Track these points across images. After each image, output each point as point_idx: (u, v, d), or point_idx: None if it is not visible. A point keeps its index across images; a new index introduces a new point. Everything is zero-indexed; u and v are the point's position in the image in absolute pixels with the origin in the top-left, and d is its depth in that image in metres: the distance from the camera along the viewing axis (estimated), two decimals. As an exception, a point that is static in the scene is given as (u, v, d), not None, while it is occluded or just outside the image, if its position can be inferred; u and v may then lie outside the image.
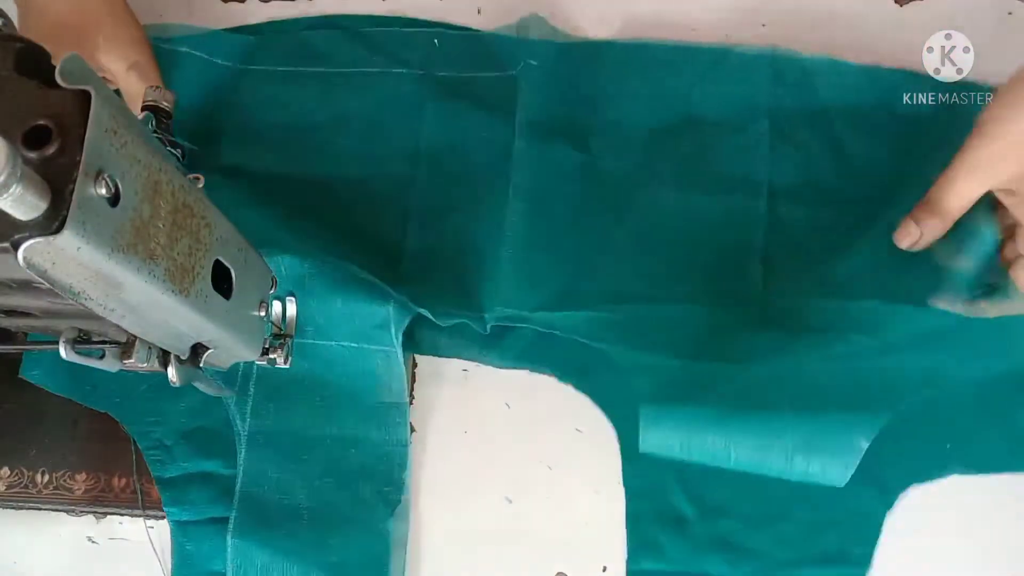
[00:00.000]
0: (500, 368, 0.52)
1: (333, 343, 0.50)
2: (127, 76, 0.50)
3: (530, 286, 0.51)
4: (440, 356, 0.52)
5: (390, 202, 0.54)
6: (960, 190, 0.43)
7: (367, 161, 0.55)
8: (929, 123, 0.53)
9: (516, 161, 0.53)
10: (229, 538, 0.48)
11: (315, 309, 0.49)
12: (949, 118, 0.53)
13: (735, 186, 0.52)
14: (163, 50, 0.56)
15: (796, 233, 0.52)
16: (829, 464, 0.43)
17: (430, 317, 0.50)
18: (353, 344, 0.50)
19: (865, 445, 0.43)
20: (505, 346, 0.51)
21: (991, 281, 0.46)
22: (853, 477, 0.45)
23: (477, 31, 0.57)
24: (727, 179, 0.53)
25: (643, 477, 0.49)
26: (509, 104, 0.55)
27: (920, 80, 0.53)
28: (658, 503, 0.49)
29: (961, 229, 0.44)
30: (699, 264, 0.51)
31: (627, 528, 0.49)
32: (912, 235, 0.45)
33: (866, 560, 0.47)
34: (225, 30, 0.58)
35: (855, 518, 0.48)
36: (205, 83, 0.56)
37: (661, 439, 0.45)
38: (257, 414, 0.50)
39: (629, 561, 0.48)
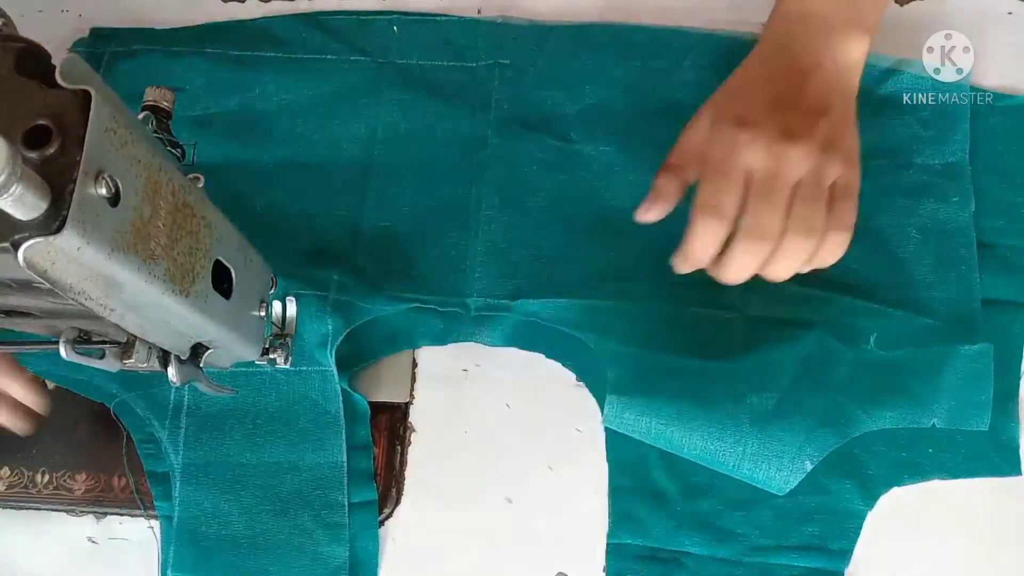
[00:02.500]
0: (491, 347, 0.52)
1: (268, 369, 0.50)
2: None
3: (509, 276, 0.52)
4: (430, 345, 0.52)
5: (345, 186, 0.54)
6: (691, 132, 0.47)
7: (323, 146, 0.55)
8: (918, 106, 0.53)
9: (490, 156, 0.54)
10: (170, 573, 0.48)
11: None
12: (941, 104, 0.54)
13: None
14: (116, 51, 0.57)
15: None
16: (774, 476, 0.45)
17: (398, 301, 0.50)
18: (290, 368, 0.49)
19: (810, 466, 0.45)
20: (494, 326, 0.52)
21: None
22: (836, 472, 0.47)
23: (435, 17, 0.57)
24: None
25: (627, 452, 0.49)
26: (467, 94, 0.55)
27: (912, 66, 0.54)
28: (640, 478, 0.49)
29: None
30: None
31: (609, 502, 0.49)
32: (647, 201, 0.47)
33: (845, 556, 0.48)
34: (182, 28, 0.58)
35: (835, 513, 0.48)
36: (153, 72, 0.56)
37: (623, 423, 0.47)
38: (190, 446, 0.49)
39: (609, 535, 0.48)
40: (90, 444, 0.51)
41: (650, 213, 0.47)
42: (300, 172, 0.54)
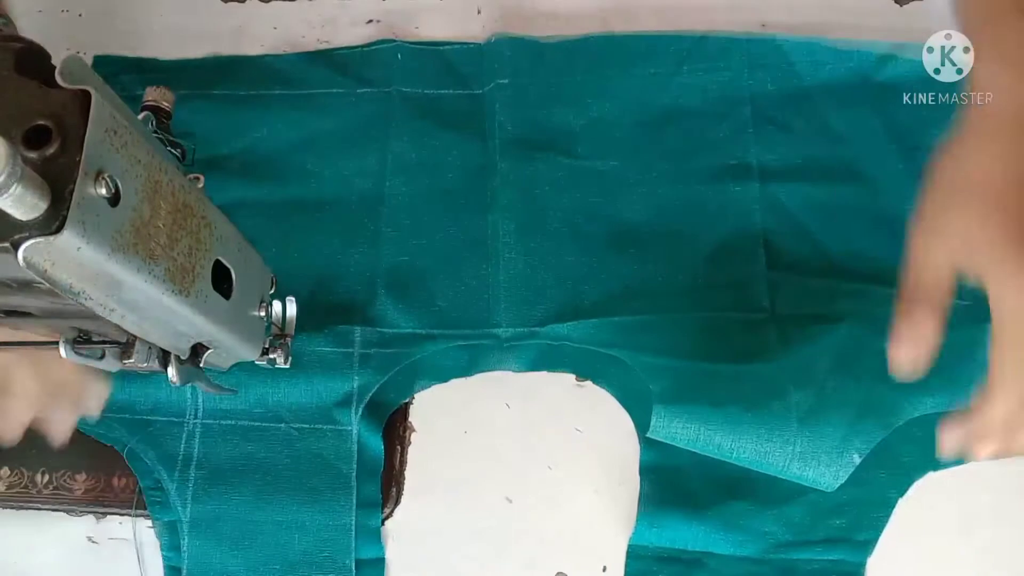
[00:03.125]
0: (518, 373, 0.51)
1: (282, 425, 0.50)
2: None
3: (534, 302, 0.51)
4: (458, 377, 0.52)
5: (359, 222, 0.53)
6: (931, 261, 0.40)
7: (334, 183, 0.54)
8: (907, 89, 0.53)
9: (501, 182, 0.53)
10: None
11: (271, 389, 0.49)
12: (928, 84, 0.52)
13: (725, 173, 0.53)
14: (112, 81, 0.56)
15: (793, 212, 0.52)
16: (823, 473, 0.45)
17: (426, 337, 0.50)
18: (305, 426, 0.50)
19: (859, 460, 0.45)
20: (521, 353, 0.51)
21: None
22: (869, 461, 0.46)
23: (438, 46, 0.57)
24: (717, 167, 0.53)
25: (660, 458, 0.49)
26: (475, 121, 0.55)
27: (896, 50, 0.54)
28: (673, 484, 0.48)
29: None
30: (701, 256, 0.52)
31: (639, 507, 0.48)
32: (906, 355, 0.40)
33: (869, 545, 0.47)
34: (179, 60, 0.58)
35: (867, 503, 0.47)
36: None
37: (671, 433, 0.47)
38: (199, 499, 0.49)
39: (633, 537, 0.48)
40: (90, 444, 0.51)
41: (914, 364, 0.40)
42: (313, 211, 0.54)
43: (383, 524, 0.50)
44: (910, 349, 0.39)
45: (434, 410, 0.52)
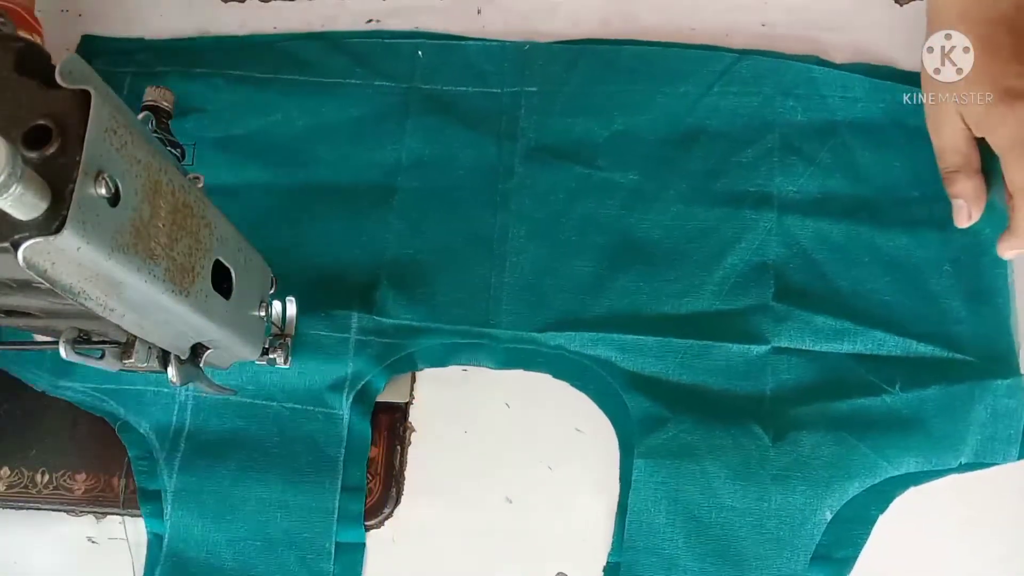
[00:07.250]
0: (493, 369, 0.51)
1: (274, 403, 0.50)
2: None
3: (535, 308, 0.51)
4: (438, 367, 0.52)
5: (368, 213, 0.53)
6: (944, 132, 0.49)
7: (346, 172, 0.54)
8: None
9: (517, 185, 0.53)
10: None
11: (266, 367, 0.49)
12: None
13: (745, 199, 0.52)
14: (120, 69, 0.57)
15: (806, 246, 0.51)
16: (797, 531, 0.47)
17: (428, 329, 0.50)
18: (297, 406, 0.50)
19: (830, 516, 0.47)
20: (496, 348, 0.51)
21: None
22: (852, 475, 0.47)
23: (461, 42, 0.57)
24: (736, 192, 0.52)
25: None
26: (491, 120, 0.55)
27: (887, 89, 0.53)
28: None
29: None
30: (710, 280, 0.51)
31: (616, 521, 0.48)
32: (962, 211, 0.49)
33: (848, 563, 0.47)
34: (198, 38, 0.58)
35: (847, 520, 0.47)
36: (175, 92, 0.54)
37: (650, 487, 0.48)
38: (185, 469, 0.49)
39: (611, 554, 0.48)
40: (90, 444, 0.51)
41: (972, 220, 0.50)
42: (322, 198, 0.54)
43: (382, 524, 0.50)
44: (966, 217, 0.49)
45: (434, 410, 0.52)
